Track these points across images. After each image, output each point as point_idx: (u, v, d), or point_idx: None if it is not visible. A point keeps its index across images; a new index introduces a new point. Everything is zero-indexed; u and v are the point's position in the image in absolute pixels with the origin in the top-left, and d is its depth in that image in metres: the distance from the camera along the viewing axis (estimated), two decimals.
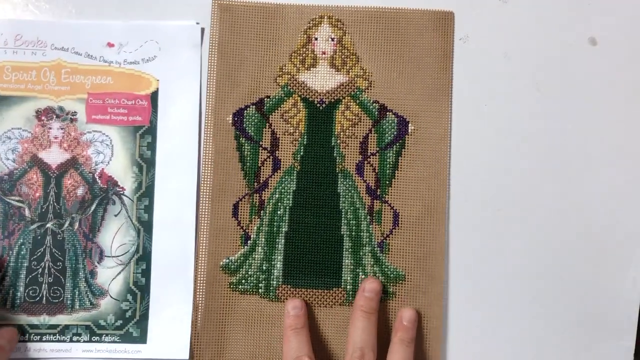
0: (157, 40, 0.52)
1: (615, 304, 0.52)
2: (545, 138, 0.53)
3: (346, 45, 0.52)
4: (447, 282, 0.52)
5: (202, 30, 0.53)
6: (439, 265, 0.52)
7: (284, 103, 0.52)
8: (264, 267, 0.52)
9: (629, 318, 0.52)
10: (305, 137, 0.52)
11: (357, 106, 0.52)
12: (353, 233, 0.52)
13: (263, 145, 0.52)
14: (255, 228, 0.52)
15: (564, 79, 0.53)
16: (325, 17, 0.53)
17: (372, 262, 0.52)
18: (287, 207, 0.52)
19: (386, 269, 0.51)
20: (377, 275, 0.51)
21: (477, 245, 0.52)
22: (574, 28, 0.53)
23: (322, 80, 0.52)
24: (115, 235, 0.51)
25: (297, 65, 0.52)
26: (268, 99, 0.52)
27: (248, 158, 0.52)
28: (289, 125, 0.52)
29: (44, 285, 0.51)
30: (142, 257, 0.51)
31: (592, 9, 0.53)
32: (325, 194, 0.52)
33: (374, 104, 0.52)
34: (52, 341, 0.50)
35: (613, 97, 0.53)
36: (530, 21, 0.53)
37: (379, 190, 0.52)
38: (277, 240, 0.52)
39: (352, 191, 0.52)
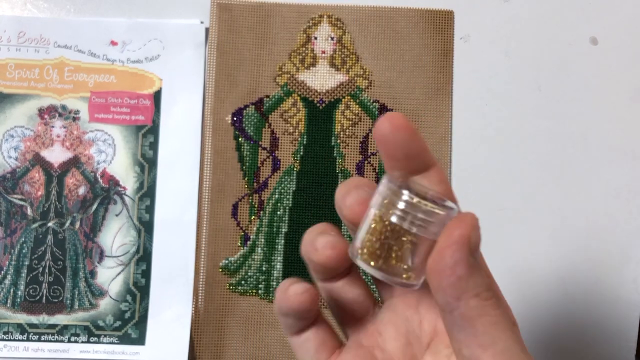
0: (160, 39, 0.52)
1: (616, 304, 0.51)
2: (546, 137, 0.52)
3: (346, 45, 0.53)
4: None
5: (207, 29, 0.53)
6: None
7: (284, 102, 0.52)
8: (264, 268, 0.51)
9: (630, 318, 0.51)
10: (305, 136, 0.52)
11: (357, 105, 0.52)
12: None
13: (262, 145, 0.52)
14: (254, 228, 0.51)
15: (565, 79, 0.53)
16: (325, 16, 0.53)
17: None
18: (287, 208, 0.52)
19: None
20: None
21: None
22: (575, 27, 0.53)
23: (321, 79, 0.52)
24: (116, 235, 0.51)
25: (297, 65, 0.53)
26: (267, 99, 0.52)
27: (247, 158, 0.52)
28: (288, 125, 0.52)
29: (44, 284, 0.50)
30: (143, 258, 0.51)
31: (593, 8, 0.53)
32: (325, 194, 0.52)
33: (374, 104, 0.52)
34: (51, 341, 0.50)
35: (614, 97, 0.53)
36: (531, 20, 0.53)
37: None
38: (276, 240, 0.51)
39: None
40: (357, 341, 0.29)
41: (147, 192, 0.51)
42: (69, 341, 0.50)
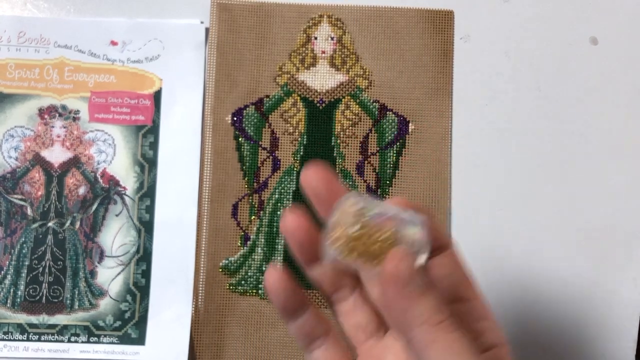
0: (160, 39, 0.52)
1: (616, 304, 0.51)
2: (546, 137, 0.52)
3: (346, 45, 0.53)
4: None
5: (207, 29, 0.53)
6: None
7: (284, 103, 0.52)
8: (264, 268, 0.51)
9: (630, 318, 0.51)
10: (305, 136, 0.52)
11: (357, 105, 0.52)
12: None
13: (262, 145, 0.52)
14: (254, 228, 0.51)
15: (565, 79, 0.53)
16: (325, 16, 0.53)
17: None
18: (287, 208, 0.52)
19: None
20: None
21: (478, 245, 0.52)
22: (575, 27, 0.53)
23: (321, 79, 0.53)
24: (116, 235, 0.51)
25: (297, 65, 0.53)
26: (267, 99, 0.52)
27: (247, 158, 0.52)
28: (288, 125, 0.52)
29: (44, 284, 0.50)
30: (143, 258, 0.51)
31: (594, 8, 0.53)
32: None
33: (374, 104, 0.52)
34: (50, 341, 0.50)
35: (614, 97, 0.53)
36: (531, 20, 0.53)
37: (379, 190, 0.52)
38: (276, 240, 0.51)
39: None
40: None
41: (147, 192, 0.51)
42: (69, 341, 0.50)
